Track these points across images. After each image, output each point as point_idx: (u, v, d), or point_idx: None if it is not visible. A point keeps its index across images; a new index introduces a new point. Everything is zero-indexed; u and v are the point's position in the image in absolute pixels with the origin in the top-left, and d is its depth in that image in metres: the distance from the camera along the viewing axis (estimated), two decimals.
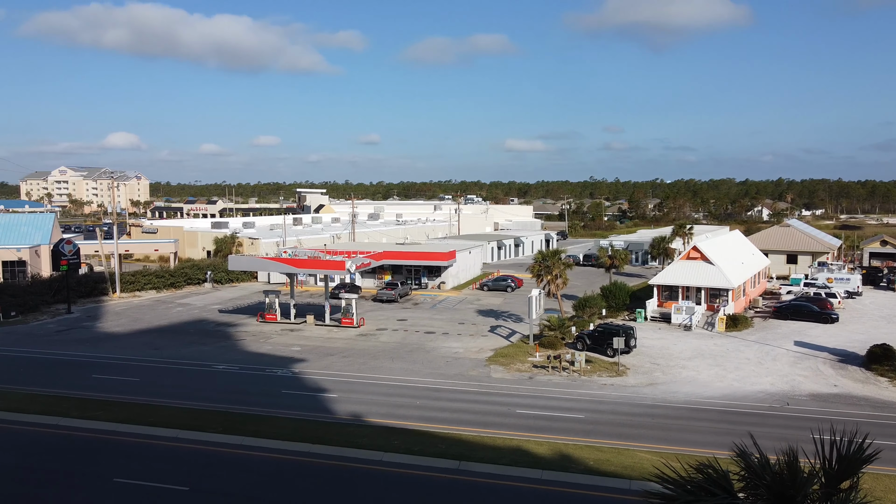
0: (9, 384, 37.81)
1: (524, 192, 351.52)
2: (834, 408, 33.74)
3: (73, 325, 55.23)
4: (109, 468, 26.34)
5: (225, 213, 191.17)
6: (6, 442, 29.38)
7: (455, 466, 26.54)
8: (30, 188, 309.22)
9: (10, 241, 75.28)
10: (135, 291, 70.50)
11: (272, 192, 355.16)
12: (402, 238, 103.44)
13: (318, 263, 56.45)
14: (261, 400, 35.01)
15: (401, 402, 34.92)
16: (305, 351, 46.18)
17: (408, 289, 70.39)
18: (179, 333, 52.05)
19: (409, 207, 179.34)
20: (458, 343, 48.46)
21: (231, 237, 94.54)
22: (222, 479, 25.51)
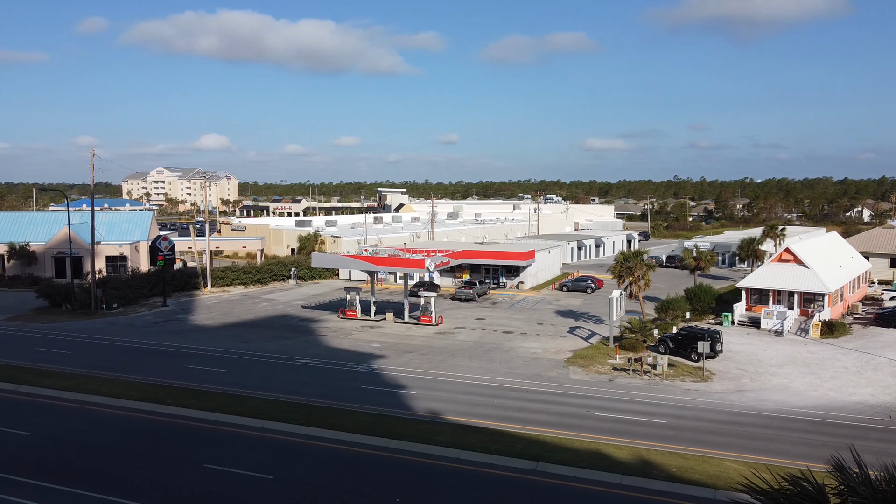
0: (112, 371, 40.29)
1: (605, 191, 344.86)
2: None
3: (168, 318, 58.22)
4: (200, 454, 27.63)
5: (308, 211, 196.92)
6: (109, 425, 31.30)
7: (532, 467, 26.35)
8: (131, 188, 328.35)
9: (113, 237, 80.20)
10: (224, 286, 73.60)
11: (354, 192, 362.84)
12: (481, 237, 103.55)
13: (398, 261, 57.26)
14: (341, 394, 35.84)
15: (478, 400, 34.96)
16: (384, 348, 46.94)
17: (486, 288, 70.39)
18: (265, 328, 53.97)
19: (487, 207, 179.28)
20: (537, 343, 48.07)
21: (314, 235, 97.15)
22: (305, 469, 26.28)
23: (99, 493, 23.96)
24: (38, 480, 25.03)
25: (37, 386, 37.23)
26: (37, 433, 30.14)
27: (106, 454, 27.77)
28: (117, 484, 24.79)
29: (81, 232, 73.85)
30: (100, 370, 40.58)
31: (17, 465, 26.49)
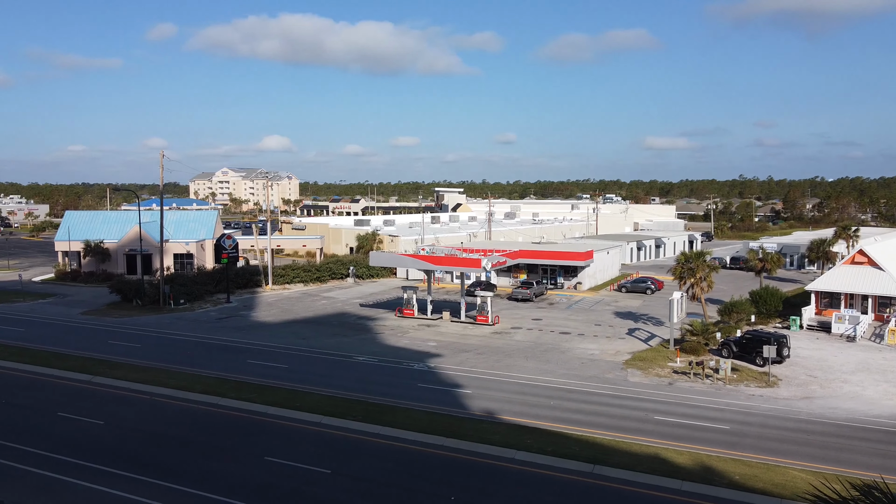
0: (178, 365, 41.74)
1: (666, 191, 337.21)
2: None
3: (231, 314, 59.92)
4: (261, 447, 28.32)
5: (367, 211, 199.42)
6: (175, 416, 32.44)
7: (589, 470, 25.97)
8: (197, 188, 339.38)
9: (181, 235, 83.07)
10: (285, 284, 75.27)
11: (411, 191, 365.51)
12: (539, 237, 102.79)
13: (455, 261, 57.39)
14: (398, 392, 36.14)
15: (534, 401, 34.70)
16: (441, 346, 47.10)
17: (543, 288, 69.80)
18: (323, 325, 54.91)
19: (545, 206, 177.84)
20: (594, 345, 47.38)
21: (372, 234, 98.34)
22: (362, 464, 26.61)
23: (166, 482, 24.85)
24: (110, 467, 26.15)
25: (109, 377, 38.89)
26: (109, 422, 31.48)
27: (172, 444, 28.78)
28: (183, 473, 25.66)
29: (151, 230, 76.82)
30: (167, 363, 42.09)
31: (92, 452, 27.74)
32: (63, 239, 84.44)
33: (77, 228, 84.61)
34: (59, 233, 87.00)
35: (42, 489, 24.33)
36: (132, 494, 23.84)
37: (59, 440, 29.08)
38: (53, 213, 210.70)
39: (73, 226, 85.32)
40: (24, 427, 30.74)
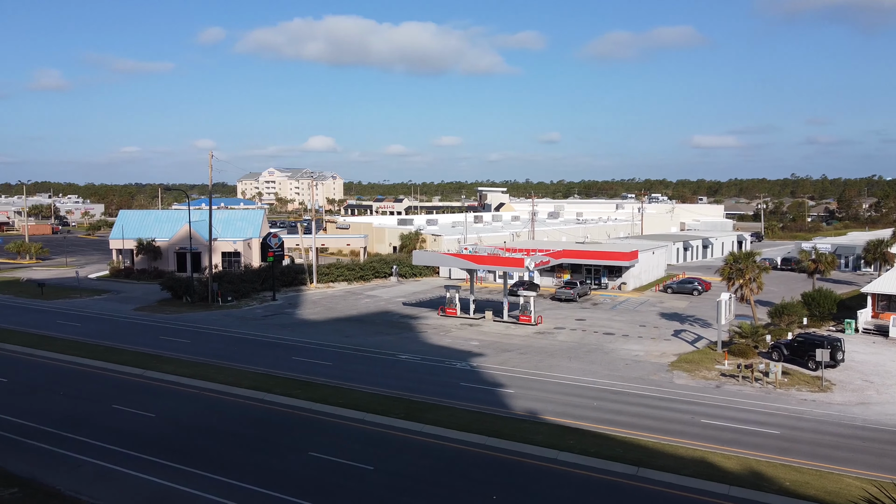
0: (226, 360, 42.66)
1: (714, 190, 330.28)
2: None
3: (277, 311, 60.94)
4: (305, 442, 28.74)
5: (410, 210, 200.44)
6: (223, 410, 33.16)
7: (633, 472, 25.61)
8: (244, 188, 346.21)
9: (229, 234, 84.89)
10: (329, 282, 76.21)
11: (454, 191, 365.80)
12: (582, 237, 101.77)
13: (498, 260, 57.24)
14: (440, 390, 36.23)
15: (577, 401, 34.38)
16: (483, 346, 47.04)
17: (587, 288, 69.09)
18: (367, 323, 55.41)
19: (589, 206, 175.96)
20: (639, 346, 46.68)
21: (415, 234, 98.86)
22: (404, 462, 26.77)
23: (213, 474, 25.43)
24: (160, 458, 26.90)
25: (160, 371, 39.99)
26: (160, 415, 32.38)
27: (220, 437, 29.43)
28: (230, 465, 26.22)
29: (200, 229, 78.68)
30: (215, 359, 43.06)
31: (143, 443, 28.57)
32: (117, 237, 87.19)
33: (130, 227, 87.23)
34: (113, 231, 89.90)
35: (97, 478, 25.16)
36: (181, 485, 24.47)
37: (113, 431, 30.04)
38: (108, 213, 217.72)
39: (126, 225, 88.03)
40: (81, 418, 31.85)
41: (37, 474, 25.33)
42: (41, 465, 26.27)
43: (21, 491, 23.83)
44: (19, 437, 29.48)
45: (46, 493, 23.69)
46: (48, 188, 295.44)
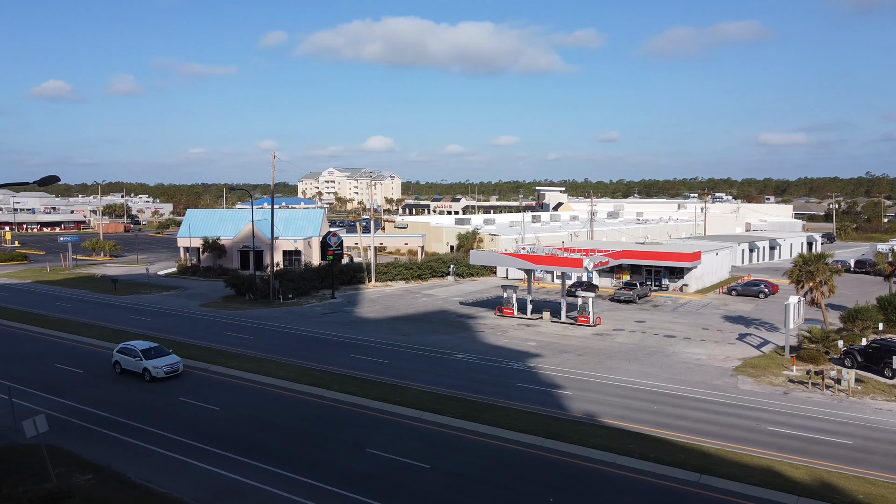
0: (287, 356, 43.63)
1: (782, 189, 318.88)
2: None
3: (335, 309, 61.96)
4: (363, 439, 29.11)
5: (467, 210, 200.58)
6: (284, 406, 33.91)
7: (695, 479, 24.95)
8: (305, 187, 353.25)
9: (290, 233, 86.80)
10: (387, 281, 77.00)
11: (512, 191, 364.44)
12: (643, 237, 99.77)
13: (556, 260, 56.70)
14: (496, 390, 36.13)
15: (636, 405, 33.73)
16: (540, 346, 46.69)
17: (647, 290, 67.72)
18: (424, 322, 55.74)
19: (650, 206, 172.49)
20: (701, 349, 45.46)
21: (473, 233, 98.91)
22: (460, 461, 26.80)
23: (273, 467, 26.06)
24: (223, 451, 27.72)
25: (224, 366, 41.21)
26: (224, 408, 33.36)
27: (281, 431, 30.11)
28: (290, 459, 26.81)
29: (263, 228, 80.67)
30: (276, 355, 44.09)
31: (208, 435, 29.51)
32: (184, 236, 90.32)
33: (197, 226, 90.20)
34: (180, 230, 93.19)
35: (165, 468, 26.12)
36: (243, 477, 25.15)
37: (180, 423, 31.12)
38: (176, 212, 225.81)
39: (193, 223, 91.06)
40: (152, 409, 33.13)
41: (110, 462, 26.48)
42: (113, 454, 27.44)
43: (95, 478, 24.95)
44: (94, 426, 30.88)
45: (118, 481, 24.72)
46: (121, 188, 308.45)
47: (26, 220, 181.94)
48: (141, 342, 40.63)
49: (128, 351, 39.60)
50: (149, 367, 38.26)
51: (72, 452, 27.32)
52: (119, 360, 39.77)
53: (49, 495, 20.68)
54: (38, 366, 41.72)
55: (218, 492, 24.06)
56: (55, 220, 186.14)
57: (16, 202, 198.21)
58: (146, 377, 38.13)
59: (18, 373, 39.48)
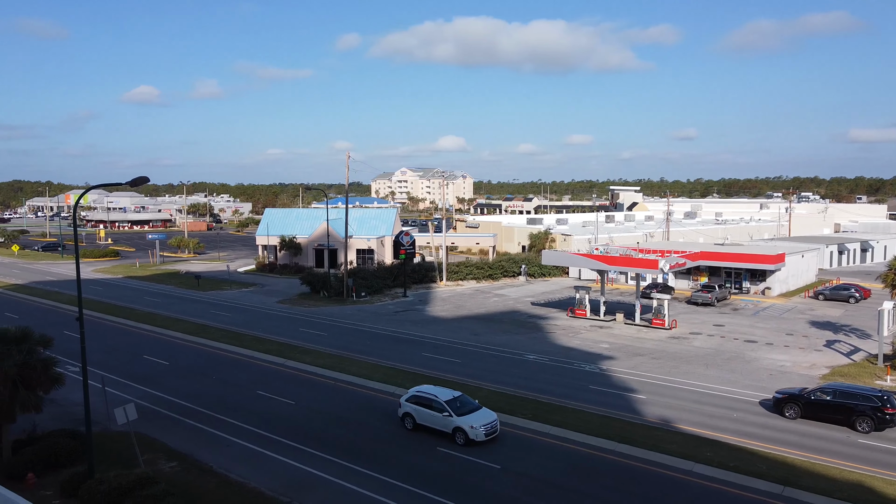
0: (359, 353, 44.40)
1: (875, 188, 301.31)
2: None
3: (407, 308, 62.60)
4: (435, 438, 29.26)
5: (539, 209, 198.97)
6: (357, 402, 34.50)
7: (778, 491, 23.87)
8: (378, 187, 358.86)
9: (363, 232, 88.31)
10: (458, 280, 77.24)
11: (585, 190, 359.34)
12: (722, 238, 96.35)
13: (630, 261, 55.46)
14: (567, 392, 35.65)
15: (714, 412, 32.58)
16: (613, 349, 45.78)
17: (726, 292, 65.33)
18: (495, 322, 55.59)
19: (729, 206, 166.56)
20: (785, 356, 43.49)
21: (545, 233, 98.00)
22: (531, 462, 26.58)
23: (346, 462, 26.55)
24: (298, 443, 28.47)
25: (300, 362, 42.30)
26: (299, 403, 34.25)
27: (353, 427, 30.65)
28: (363, 455, 27.25)
29: (337, 227, 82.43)
30: (349, 351, 44.92)
31: (284, 428, 30.36)
32: (262, 234, 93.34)
33: (274, 225, 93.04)
34: (259, 228, 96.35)
35: (243, 458, 27.04)
36: (318, 471, 25.75)
37: (257, 415, 32.16)
38: (255, 211, 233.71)
39: (270, 222, 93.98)
40: (231, 401, 34.37)
41: (193, 451, 27.63)
42: (196, 443, 28.62)
43: (180, 465, 26.09)
44: (179, 415, 32.30)
45: (201, 469, 25.76)
46: (204, 188, 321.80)
47: (118, 219, 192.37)
48: (440, 389, 30.62)
49: (426, 401, 29.64)
50: (464, 428, 28.20)
51: (158, 440, 28.66)
52: (412, 413, 29.92)
53: (138, 480, 21.74)
54: (128, 357, 43.99)
55: (292, 483, 24.71)
56: (144, 218, 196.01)
57: (109, 202, 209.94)
58: (458, 440, 28.29)
59: (111, 363, 41.73)
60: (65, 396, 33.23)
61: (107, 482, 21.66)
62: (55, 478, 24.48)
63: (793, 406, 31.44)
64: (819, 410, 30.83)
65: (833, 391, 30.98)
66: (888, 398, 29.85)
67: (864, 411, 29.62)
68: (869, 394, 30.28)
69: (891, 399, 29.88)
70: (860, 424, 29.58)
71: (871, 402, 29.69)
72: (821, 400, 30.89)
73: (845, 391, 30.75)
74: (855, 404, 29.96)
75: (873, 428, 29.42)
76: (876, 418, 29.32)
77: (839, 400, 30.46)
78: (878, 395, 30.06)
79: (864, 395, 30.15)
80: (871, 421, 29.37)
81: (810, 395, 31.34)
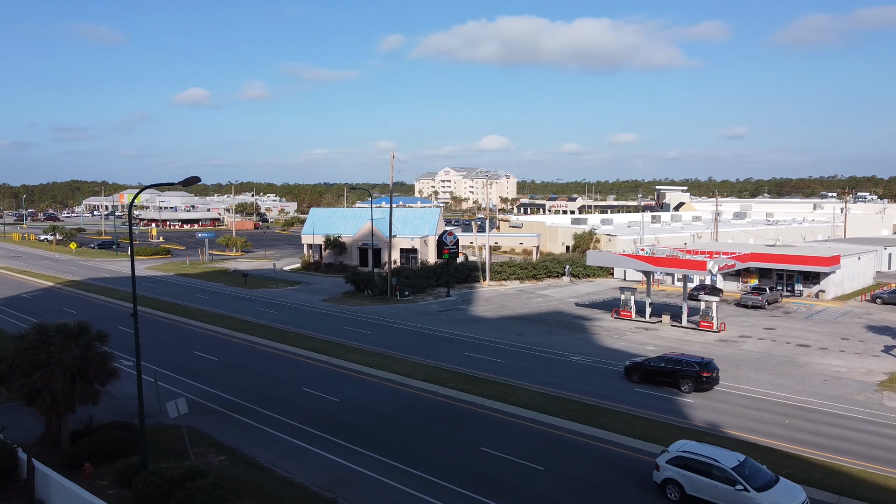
0: (402, 352, 44.65)
1: None
2: None
3: (450, 307, 62.68)
4: (477, 437, 29.24)
5: (584, 209, 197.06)
6: (400, 400, 34.72)
7: (833, 501, 23.11)
8: (421, 186, 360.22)
9: (406, 231, 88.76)
10: (501, 280, 77.01)
11: (630, 190, 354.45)
12: (773, 239, 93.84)
13: (677, 262, 54.43)
14: (613, 394, 35.19)
15: (765, 417, 31.74)
16: (660, 351, 44.93)
17: (777, 295, 63.58)
18: (538, 322, 55.23)
19: (781, 206, 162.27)
20: (840, 361, 42.08)
21: (589, 233, 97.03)
22: (575, 465, 26.31)
23: (389, 459, 26.72)
24: (342, 440, 28.77)
25: (344, 360, 42.75)
26: (343, 400, 34.62)
27: (396, 426, 30.83)
28: (406, 453, 27.38)
29: (381, 226, 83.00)
30: (393, 350, 45.20)
31: (328, 425, 30.73)
32: (308, 233, 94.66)
33: (319, 224, 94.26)
34: (304, 227, 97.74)
35: (289, 454, 27.46)
36: (360, 467, 25.97)
37: (303, 412, 32.62)
38: (300, 210, 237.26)
39: (315, 222, 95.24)
40: (276, 397, 34.96)
41: (240, 445, 28.19)
42: (243, 438, 29.18)
43: (228, 459, 26.65)
44: (227, 410, 32.99)
45: (248, 464, 26.26)
46: (251, 188, 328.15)
47: (169, 218, 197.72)
48: (715, 449, 23.86)
49: (701, 466, 22.76)
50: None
51: (207, 434, 29.32)
52: (678, 481, 22.96)
53: (188, 472, 22.27)
54: (179, 352, 45.14)
55: (337, 479, 24.97)
56: (194, 217, 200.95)
57: (161, 201, 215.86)
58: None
59: (162, 358, 42.87)
60: (119, 390, 34.26)
61: (159, 474, 22.25)
62: (110, 468, 25.27)
63: (636, 373, 37.31)
64: (654, 375, 36.47)
65: (666, 360, 36.84)
66: (707, 364, 35.60)
67: (686, 375, 35.10)
68: (692, 360, 36.08)
69: (709, 365, 35.53)
70: (683, 386, 35.19)
71: (693, 367, 35.35)
72: (657, 367, 36.55)
73: (673, 359, 36.63)
74: (680, 369, 35.52)
75: (693, 389, 34.98)
76: (695, 380, 34.90)
77: (669, 366, 36.08)
78: (698, 362, 35.77)
79: (688, 362, 35.92)
80: (691, 382, 34.95)
81: (649, 363, 37.33)
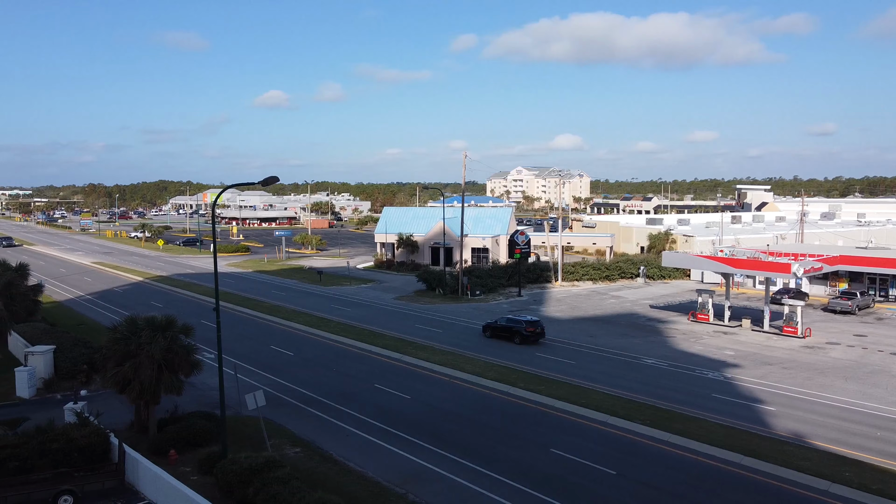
0: (473, 352, 44.71)
1: None
2: None
3: (522, 307, 62.32)
4: (547, 438, 29.01)
5: (659, 209, 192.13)
6: (470, 399, 34.83)
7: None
8: (493, 186, 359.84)
9: (478, 231, 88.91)
10: (573, 281, 76.03)
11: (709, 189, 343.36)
12: (865, 241, 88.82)
13: (759, 264, 52.33)
14: (688, 400, 34.20)
15: (855, 428, 30.14)
16: (739, 356, 43.41)
17: (869, 300, 60.18)
18: (611, 324, 54.25)
19: (874, 206, 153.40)
20: None
21: (665, 234, 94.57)
22: (647, 470, 25.73)
23: (458, 457, 26.85)
24: (413, 437, 29.11)
25: (415, 357, 43.22)
26: (414, 397, 35.01)
27: (467, 424, 30.95)
28: (476, 452, 27.45)
29: (452, 226, 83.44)
30: (463, 349, 45.36)
31: (399, 421, 31.15)
32: (381, 232, 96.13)
33: (392, 223, 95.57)
34: (377, 226, 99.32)
35: (362, 448, 28.01)
36: (431, 465, 26.21)
37: (375, 407, 33.19)
38: (373, 209, 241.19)
39: (388, 221, 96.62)
40: (349, 393, 35.70)
41: (315, 438, 28.94)
42: (317, 431, 29.95)
43: (303, 451, 27.42)
44: (302, 404, 33.94)
45: (322, 457, 26.94)
46: (326, 187, 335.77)
47: (248, 216, 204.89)
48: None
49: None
50: None
51: (284, 426, 30.26)
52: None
53: (266, 463, 23.05)
54: (257, 346, 46.73)
55: (407, 475, 25.28)
56: (271, 216, 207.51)
57: (241, 200, 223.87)
58: None
59: (242, 351, 44.50)
60: (202, 381, 35.78)
61: (238, 463, 23.12)
62: (193, 455, 26.45)
63: (489, 330, 48.95)
64: (500, 332, 47.99)
65: (507, 319, 48.22)
66: (532, 322, 46.97)
67: (518, 331, 46.53)
68: (522, 319, 47.36)
69: (533, 323, 46.89)
70: (515, 339, 46.61)
71: (521, 325, 46.61)
72: (501, 325, 48.11)
73: (511, 318, 48.20)
74: (514, 326, 47.01)
75: (522, 341, 46.26)
76: (523, 335, 46.22)
77: (508, 325, 47.63)
78: (527, 320, 47.12)
79: (518, 321, 47.26)
80: (520, 336, 46.37)
81: (496, 322, 48.80)
